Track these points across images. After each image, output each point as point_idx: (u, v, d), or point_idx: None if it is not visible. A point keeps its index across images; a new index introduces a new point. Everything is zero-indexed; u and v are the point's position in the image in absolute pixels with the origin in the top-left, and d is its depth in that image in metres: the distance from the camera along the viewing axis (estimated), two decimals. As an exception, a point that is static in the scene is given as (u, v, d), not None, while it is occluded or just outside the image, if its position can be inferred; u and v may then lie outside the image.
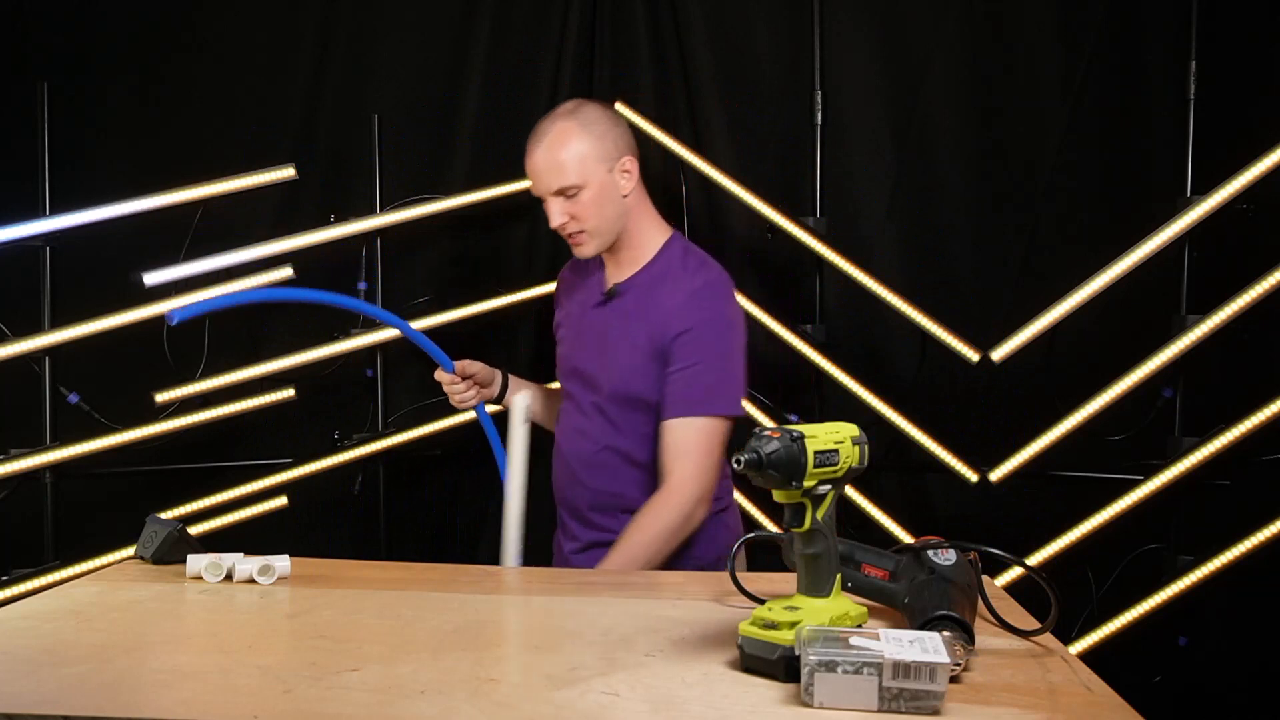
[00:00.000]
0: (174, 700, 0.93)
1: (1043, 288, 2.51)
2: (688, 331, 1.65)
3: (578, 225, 1.70)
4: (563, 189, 1.68)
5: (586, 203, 1.68)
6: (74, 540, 2.43)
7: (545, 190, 1.71)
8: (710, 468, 1.64)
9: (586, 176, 1.68)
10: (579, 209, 1.69)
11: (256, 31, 2.67)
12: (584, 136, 1.69)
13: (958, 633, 1.01)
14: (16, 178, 2.41)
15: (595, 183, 1.69)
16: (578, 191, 1.68)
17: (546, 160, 1.70)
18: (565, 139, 1.69)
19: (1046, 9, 2.61)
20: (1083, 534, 2.43)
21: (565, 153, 1.68)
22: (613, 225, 1.73)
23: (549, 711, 0.90)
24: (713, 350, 1.66)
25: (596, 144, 1.69)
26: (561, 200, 1.69)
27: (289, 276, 2.55)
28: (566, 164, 1.68)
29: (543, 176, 1.70)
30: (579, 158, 1.68)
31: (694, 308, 1.66)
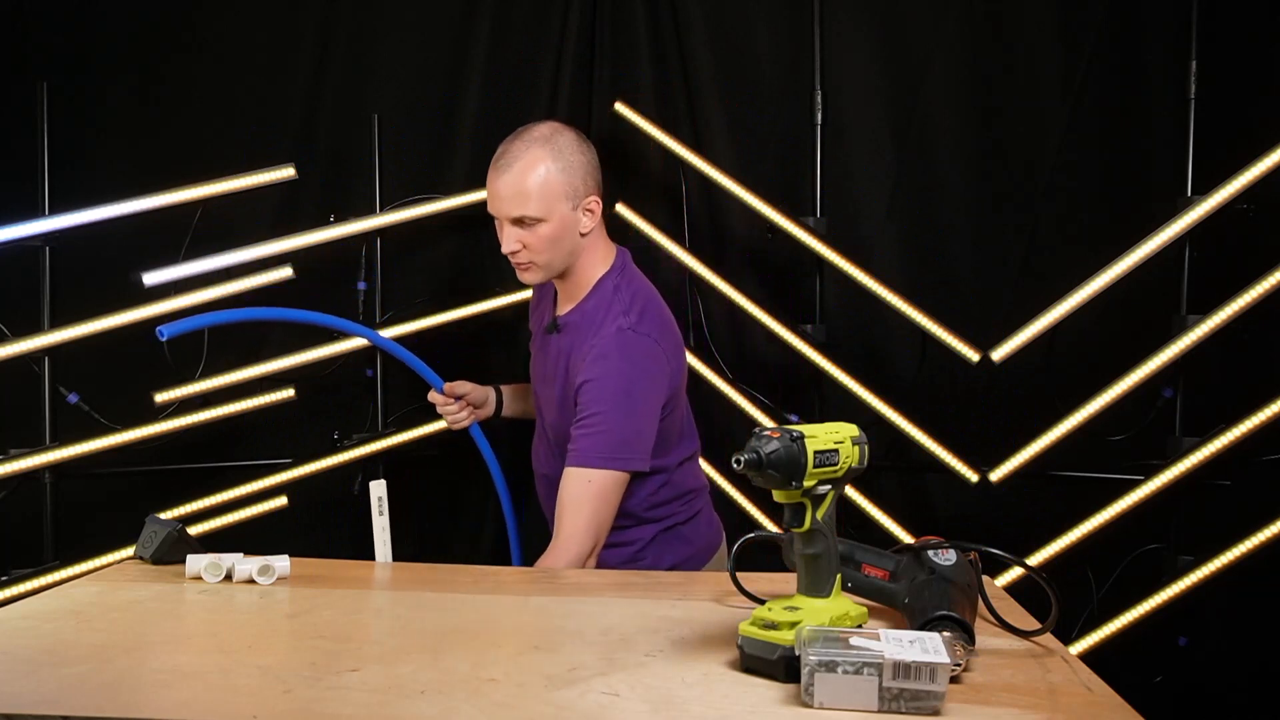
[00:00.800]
0: (174, 700, 0.93)
1: (1043, 288, 2.51)
2: (590, 381, 1.62)
3: (528, 256, 1.66)
4: (521, 218, 1.63)
5: (543, 236, 1.63)
6: (74, 540, 2.42)
7: (503, 215, 1.65)
8: (600, 523, 1.60)
9: (549, 211, 1.62)
10: (534, 241, 1.64)
11: (256, 31, 2.67)
12: (554, 170, 1.63)
13: (958, 633, 1.01)
14: (16, 178, 2.41)
15: (556, 219, 1.63)
16: (536, 224, 1.63)
17: (511, 186, 1.62)
18: (534, 168, 1.62)
19: (1046, 9, 2.61)
20: (1083, 534, 2.43)
21: (532, 183, 1.62)
22: (563, 261, 1.69)
23: (549, 711, 0.90)
24: (614, 401, 1.61)
25: (566, 180, 1.63)
26: (517, 229, 1.64)
27: (288, 276, 2.55)
28: (531, 195, 1.61)
29: (504, 202, 1.63)
30: (545, 191, 1.62)
31: (600, 356, 1.63)
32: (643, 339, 1.65)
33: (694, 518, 1.80)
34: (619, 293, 1.70)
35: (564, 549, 1.58)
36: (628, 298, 1.69)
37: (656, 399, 1.66)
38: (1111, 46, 2.56)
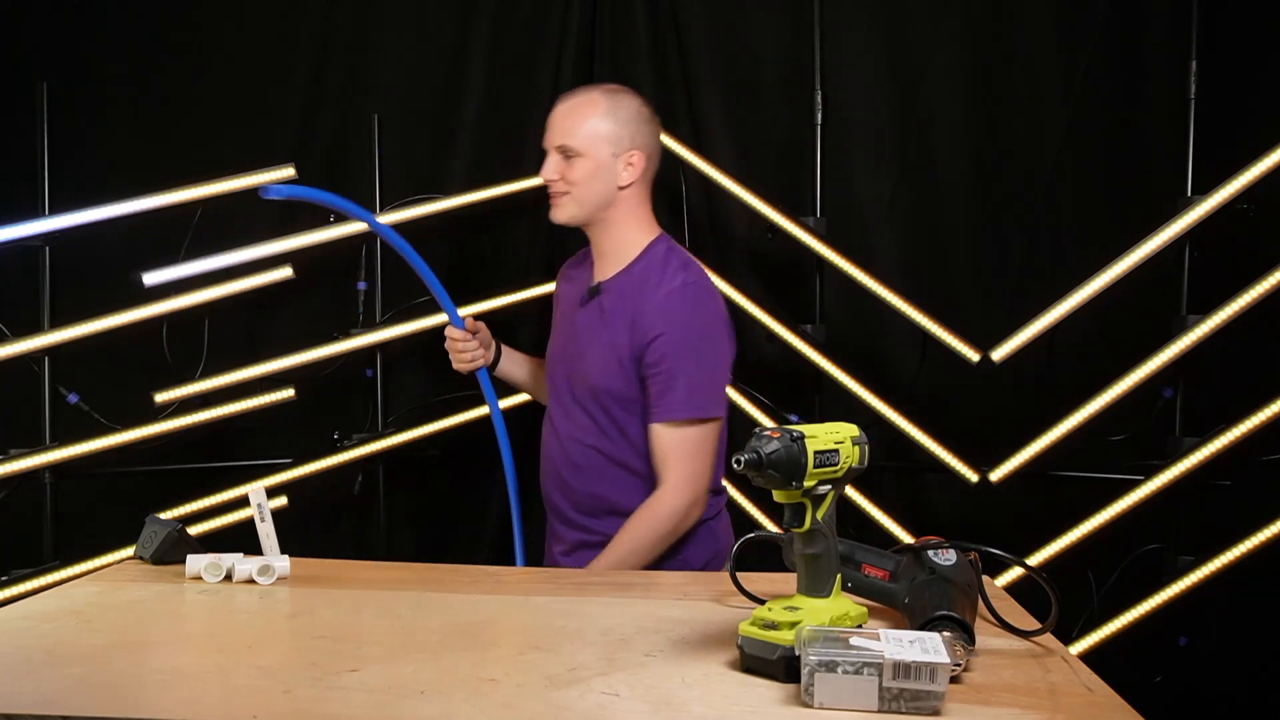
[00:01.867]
0: (174, 700, 0.93)
1: (1043, 288, 2.51)
2: (663, 335, 1.65)
3: (563, 186, 1.73)
4: (564, 147, 1.72)
5: (580, 170, 1.72)
6: (74, 540, 2.43)
7: (550, 141, 1.75)
8: (701, 470, 1.64)
9: (590, 149, 1.72)
10: (570, 172, 1.72)
11: (256, 31, 2.67)
12: (605, 115, 1.73)
13: (958, 633, 1.01)
14: (16, 178, 2.41)
15: (595, 159, 1.72)
16: (575, 158, 1.72)
17: (563, 117, 1.75)
18: (589, 108, 1.74)
19: (1046, 9, 2.61)
20: (1083, 534, 2.43)
21: (582, 119, 1.73)
22: (594, 203, 1.74)
23: (549, 711, 0.90)
24: (689, 353, 1.66)
25: (613, 127, 1.73)
26: (560, 157, 1.73)
27: (288, 276, 2.55)
28: (578, 129, 1.72)
29: (553, 128, 1.75)
30: (591, 130, 1.72)
31: (670, 310, 1.67)
32: (708, 294, 1.72)
33: (719, 514, 1.81)
34: (673, 254, 1.76)
35: (668, 498, 1.62)
36: (682, 260, 1.76)
37: (727, 351, 1.73)
38: (1111, 46, 2.57)
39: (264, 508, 1.43)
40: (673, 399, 1.64)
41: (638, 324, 1.67)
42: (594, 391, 1.72)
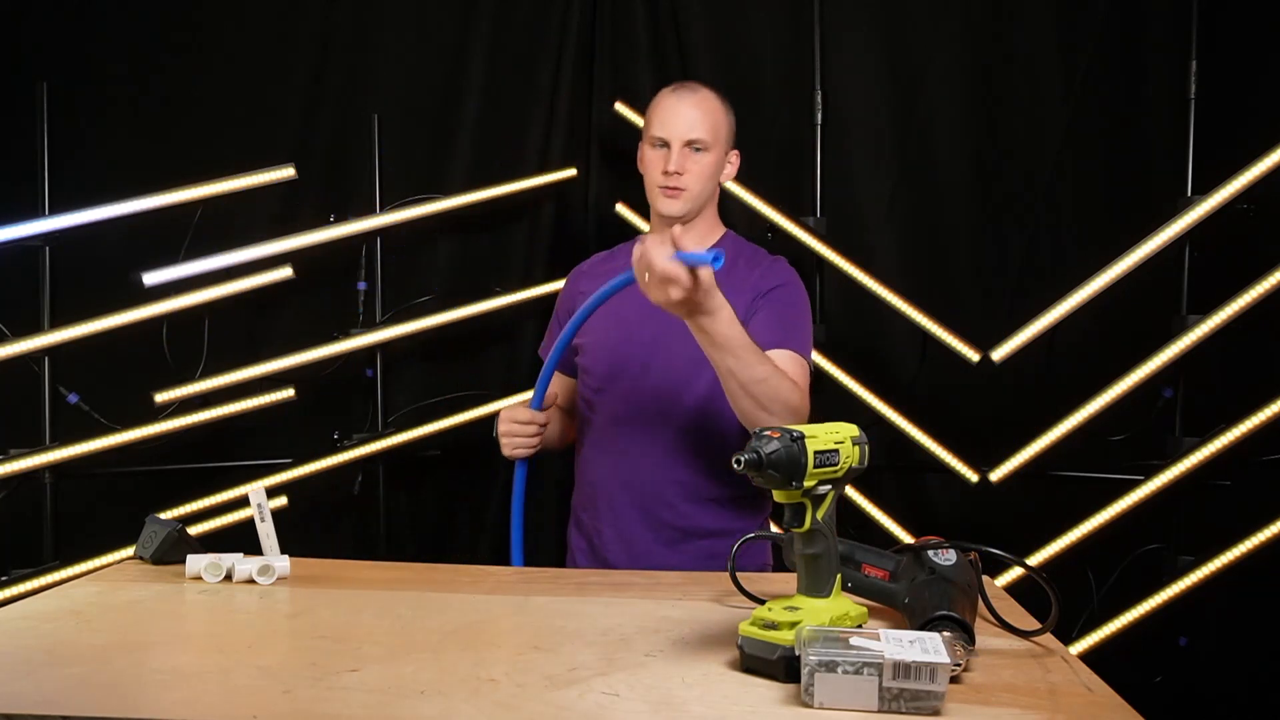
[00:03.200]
0: (174, 700, 0.93)
1: (1043, 288, 2.51)
2: (781, 286, 1.74)
3: (686, 181, 1.74)
4: (694, 140, 1.73)
5: (705, 164, 1.74)
6: (74, 540, 2.43)
7: (679, 134, 1.73)
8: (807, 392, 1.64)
9: (716, 143, 1.75)
10: (696, 166, 1.74)
11: (256, 31, 2.67)
12: (727, 113, 1.79)
13: (958, 633, 1.01)
14: (16, 178, 2.41)
15: (716, 153, 1.76)
16: (704, 151, 1.74)
17: (696, 109, 1.74)
18: (716, 104, 1.78)
19: (1046, 9, 2.61)
20: (1083, 534, 2.43)
21: (711, 114, 1.76)
22: (705, 198, 1.79)
23: (549, 711, 0.90)
24: (800, 304, 1.75)
25: (730, 126, 1.80)
26: (685, 151, 1.73)
27: (288, 276, 2.55)
28: (708, 122, 1.74)
29: (684, 120, 1.74)
30: (719, 124, 1.76)
31: (782, 269, 1.79)
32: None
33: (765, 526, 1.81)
34: (749, 244, 1.84)
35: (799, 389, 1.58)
36: (757, 249, 1.84)
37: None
38: (1111, 46, 2.57)
39: (264, 508, 1.43)
40: (787, 334, 1.68)
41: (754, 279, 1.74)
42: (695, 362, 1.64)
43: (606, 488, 1.76)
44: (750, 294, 1.72)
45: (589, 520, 1.79)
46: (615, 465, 1.75)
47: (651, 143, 1.77)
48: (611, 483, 1.76)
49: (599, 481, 1.77)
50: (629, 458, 1.74)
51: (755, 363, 1.49)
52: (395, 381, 2.72)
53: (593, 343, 1.80)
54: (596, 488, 1.78)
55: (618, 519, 1.74)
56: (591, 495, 1.78)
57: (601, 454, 1.78)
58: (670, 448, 1.72)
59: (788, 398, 1.52)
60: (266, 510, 1.43)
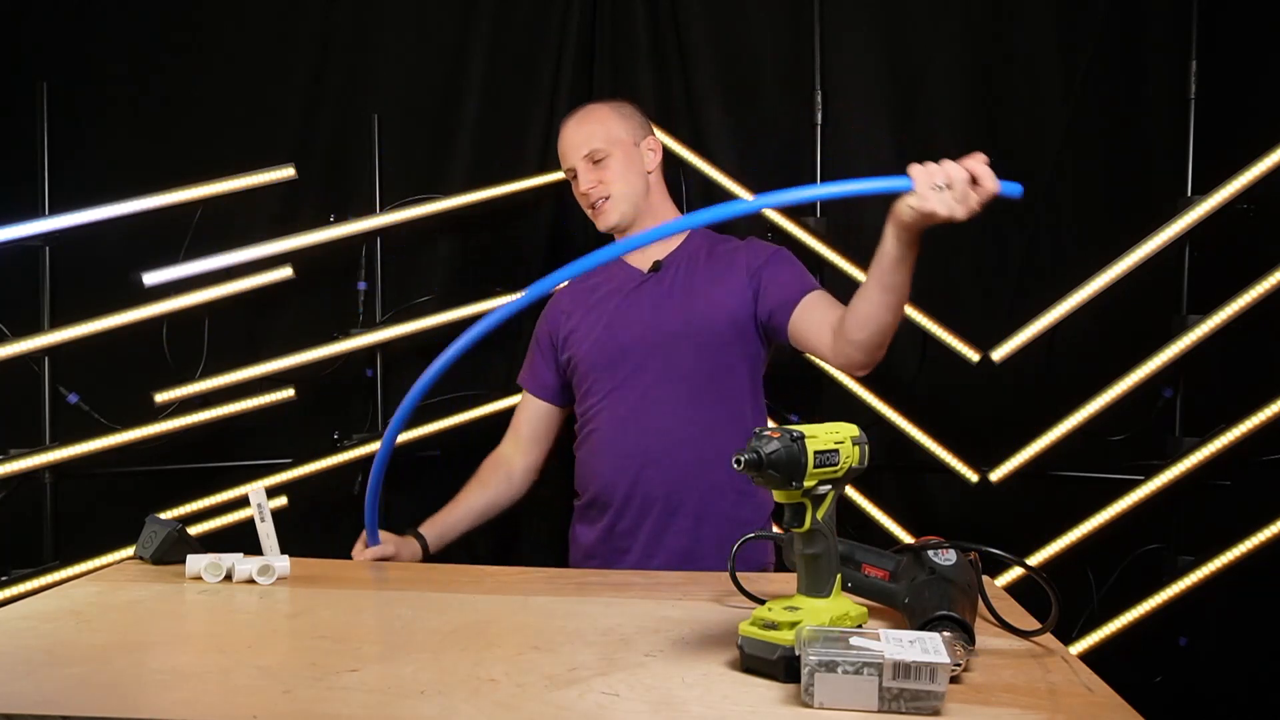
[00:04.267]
0: (174, 700, 0.93)
1: (1043, 288, 2.51)
2: (774, 254, 1.79)
3: (603, 190, 1.79)
4: (591, 153, 1.78)
5: (613, 168, 1.78)
6: (74, 540, 2.42)
7: (575, 156, 1.80)
8: None
9: (613, 144, 1.79)
10: (605, 174, 1.78)
11: (256, 31, 2.67)
12: (611, 113, 1.84)
13: (958, 633, 1.01)
14: (16, 178, 2.41)
15: (621, 151, 1.79)
16: (604, 157, 1.78)
17: (576, 129, 1.82)
18: (594, 112, 1.84)
19: (1046, 9, 2.61)
20: (1083, 534, 2.43)
21: (594, 122, 1.82)
22: (636, 197, 1.81)
23: (549, 711, 0.90)
24: (794, 261, 1.80)
25: (623, 120, 1.83)
26: (589, 166, 1.79)
27: (288, 276, 2.55)
28: (595, 131, 1.80)
29: (572, 144, 1.81)
30: (606, 127, 1.81)
31: (760, 245, 1.83)
32: None
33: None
34: (718, 234, 1.88)
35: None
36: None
37: None
38: (1111, 46, 2.56)
39: (264, 508, 1.44)
40: (809, 280, 1.76)
41: (745, 256, 1.78)
42: (707, 324, 1.73)
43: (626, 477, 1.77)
44: (745, 273, 1.77)
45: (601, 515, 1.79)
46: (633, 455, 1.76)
47: (568, 178, 1.85)
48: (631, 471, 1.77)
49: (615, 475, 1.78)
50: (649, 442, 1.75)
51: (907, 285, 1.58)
52: (395, 381, 2.72)
53: (582, 347, 1.82)
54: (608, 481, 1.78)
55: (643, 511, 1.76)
56: (604, 488, 1.79)
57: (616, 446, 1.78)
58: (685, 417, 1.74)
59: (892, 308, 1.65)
60: (266, 510, 1.44)
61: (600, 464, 1.78)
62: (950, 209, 1.35)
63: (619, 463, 1.76)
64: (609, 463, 1.77)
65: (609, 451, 1.77)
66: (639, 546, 1.74)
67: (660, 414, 1.74)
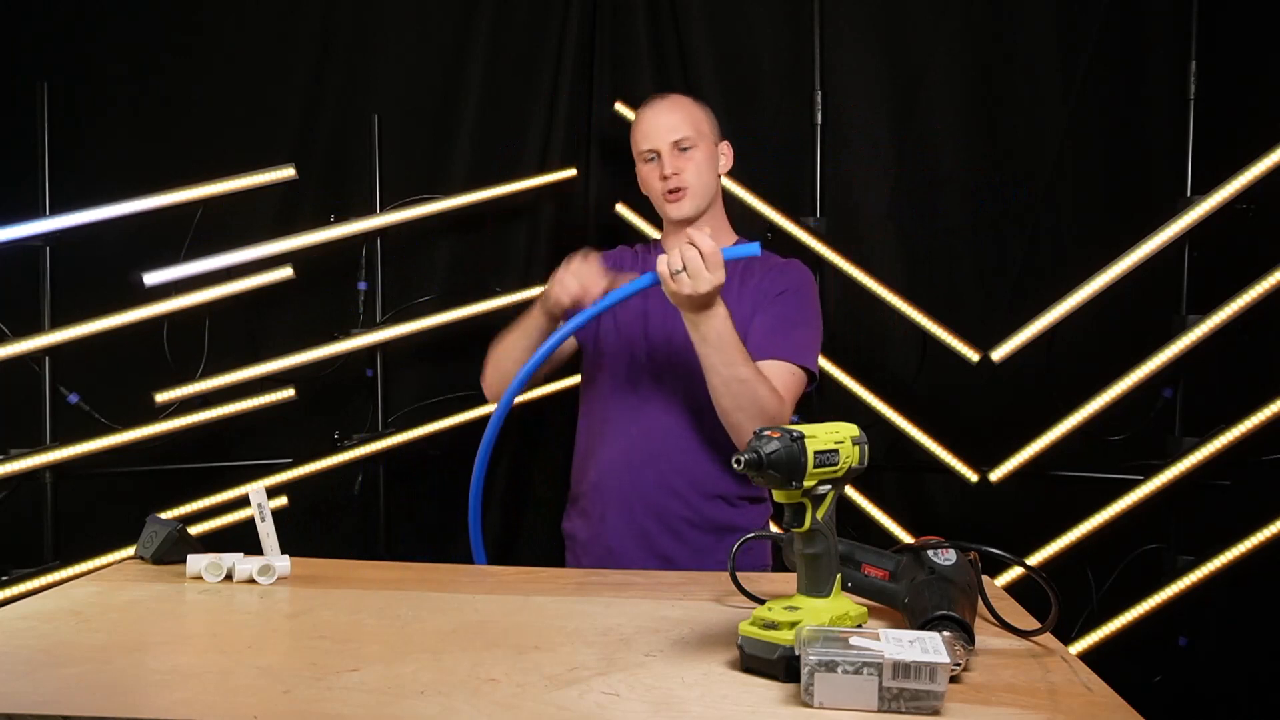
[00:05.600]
0: (174, 700, 0.93)
1: (1043, 288, 2.51)
2: (787, 291, 1.75)
3: (683, 180, 1.78)
4: (679, 140, 1.78)
5: (697, 160, 1.78)
6: (74, 540, 2.43)
7: (663, 139, 1.78)
8: (787, 404, 1.67)
9: (701, 137, 1.79)
10: (689, 164, 1.78)
11: (256, 32, 2.67)
12: (700, 108, 1.84)
13: (958, 633, 1.01)
14: (16, 178, 2.41)
15: (706, 146, 1.80)
16: (691, 147, 1.78)
17: (670, 112, 1.80)
18: (687, 102, 1.84)
19: (1046, 9, 2.61)
20: (1083, 534, 2.43)
21: (687, 112, 1.81)
22: (708, 193, 1.81)
23: (549, 711, 0.90)
24: (805, 309, 1.77)
25: (709, 118, 1.85)
26: (675, 153, 1.78)
27: (288, 276, 2.55)
28: (686, 119, 1.79)
29: (663, 126, 1.79)
30: (698, 119, 1.81)
31: (795, 272, 1.80)
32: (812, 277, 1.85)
33: (766, 525, 1.84)
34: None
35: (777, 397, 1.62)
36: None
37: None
38: (1111, 47, 2.57)
39: (264, 507, 1.44)
40: (787, 343, 1.71)
41: (763, 280, 1.76)
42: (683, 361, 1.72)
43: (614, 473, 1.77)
44: (756, 296, 1.75)
45: (593, 508, 1.80)
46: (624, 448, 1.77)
47: (643, 158, 1.83)
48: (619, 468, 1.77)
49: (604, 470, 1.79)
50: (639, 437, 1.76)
51: (739, 362, 1.56)
52: (395, 381, 2.72)
53: (593, 332, 1.83)
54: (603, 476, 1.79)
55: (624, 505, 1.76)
56: (597, 482, 1.80)
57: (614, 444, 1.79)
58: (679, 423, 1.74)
59: (764, 403, 1.59)
60: (267, 510, 1.44)
61: (597, 459, 1.79)
62: (693, 286, 1.44)
63: (615, 461, 1.77)
64: (605, 459, 1.78)
65: (606, 448, 1.78)
66: (628, 547, 1.74)
67: (662, 417, 1.75)
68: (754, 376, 1.57)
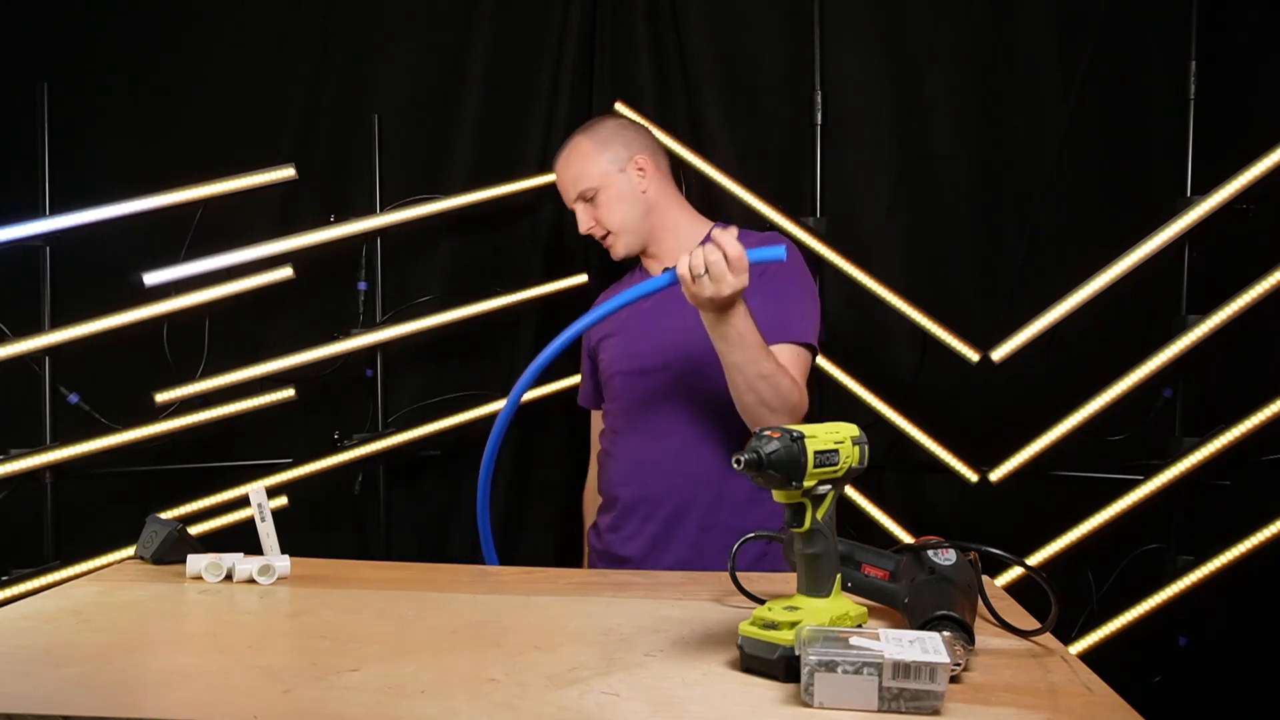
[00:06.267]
0: (174, 700, 0.93)
1: (1043, 288, 2.51)
2: (782, 279, 1.73)
3: (602, 228, 1.81)
4: (581, 194, 1.81)
5: (604, 204, 1.80)
6: (74, 540, 2.42)
7: (569, 199, 1.84)
8: (804, 389, 1.67)
9: (599, 180, 1.80)
10: (599, 211, 1.81)
11: (256, 31, 2.67)
12: (591, 145, 1.84)
13: (958, 633, 1.01)
14: (16, 178, 2.41)
15: (609, 184, 1.80)
16: (594, 194, 1.80)
17: (563, 172, 1.86)
18: (576, 150, 1.86)
19: (1046, 9, 2.61)
20: (1083, 534, 2.43)
21: (577, 162, 1.83)
22: (637, 223, 1.81)
23: (549, 711, 0.90)
24: (798, 284, 1.77)
25: (602, 149, 1.83)
26: (584, 205, 1.82)
27: (288, 276, 2.55)
28: (580, 171, 1.82)
29: (564, 187, 1.86)
30: (587, 164, 1.83)
31: (787, 266, 1.72)
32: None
33: None
34: (738, 228, 1.81)
35: (798, 387, 1.63)
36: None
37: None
38: (1111, 47, 2.56)
39: (264, 507, 1.44)
40: (791, 323, 1.71)
41: (763, 282, 1.70)
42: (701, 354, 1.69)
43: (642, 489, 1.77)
44: (759, 295, 1.73)
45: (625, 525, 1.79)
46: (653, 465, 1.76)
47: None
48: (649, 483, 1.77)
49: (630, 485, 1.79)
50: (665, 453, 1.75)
51: (762, 359, 1.54)
52: (395, 381, 2.72)
53: (608, 357, 1.83)
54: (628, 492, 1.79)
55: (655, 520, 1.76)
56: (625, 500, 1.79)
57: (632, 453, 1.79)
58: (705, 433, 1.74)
59: (787, 394, 1.58)
60: (267, 510, 1.44)
61: (617, 468, 1.80)
62: (715, 289, 1.41)
63: (632, 469, 1.78)
64: (623, 468, 1.79)
65: (625, 457, 1.80)
66: (642, 551, 1.74)
67: (678, 424, 1.75)
68: (776, 370, 1.56)
